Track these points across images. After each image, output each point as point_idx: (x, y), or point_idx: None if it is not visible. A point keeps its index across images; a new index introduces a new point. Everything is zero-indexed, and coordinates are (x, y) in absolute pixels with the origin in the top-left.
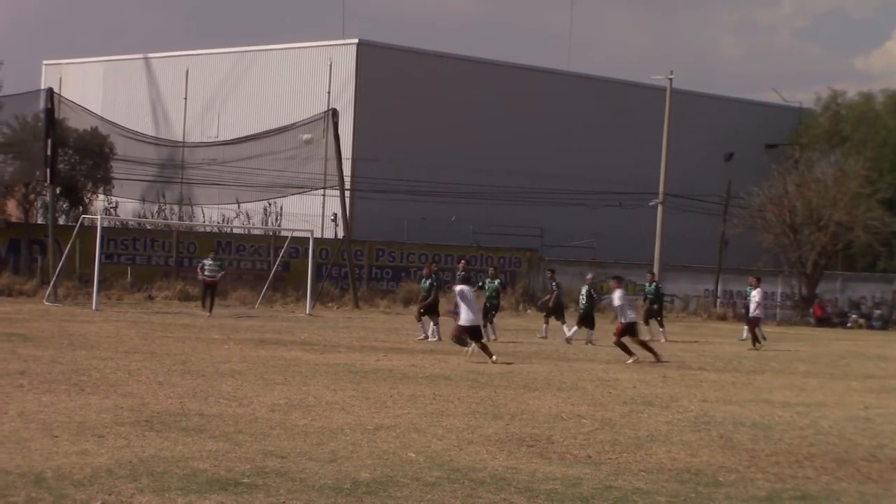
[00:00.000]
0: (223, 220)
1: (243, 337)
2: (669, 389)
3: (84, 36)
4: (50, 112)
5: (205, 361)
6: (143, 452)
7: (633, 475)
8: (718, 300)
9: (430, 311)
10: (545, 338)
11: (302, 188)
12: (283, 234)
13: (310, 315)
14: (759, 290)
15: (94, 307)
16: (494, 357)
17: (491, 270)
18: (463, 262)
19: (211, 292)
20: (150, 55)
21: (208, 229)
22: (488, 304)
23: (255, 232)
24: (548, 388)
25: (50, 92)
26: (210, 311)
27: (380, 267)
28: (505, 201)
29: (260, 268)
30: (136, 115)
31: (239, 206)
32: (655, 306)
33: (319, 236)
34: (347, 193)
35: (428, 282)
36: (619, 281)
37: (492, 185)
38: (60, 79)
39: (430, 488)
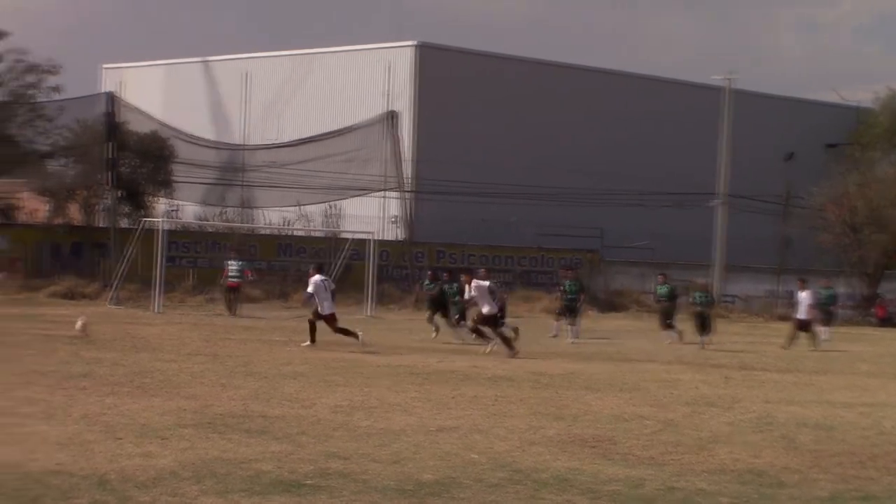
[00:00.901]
0: (284, 222)
1: (305, 339)
2: (731, 390)
3: (144, 40)
4: (111, 116)
5: (267, 363)
6: (207, 454)
7: (696, 476)
8: (780, 301)
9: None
10: (556, 336)
11: (362, 190)
12: (344, 236)
13: (371, 317)
14: (807, 291)
15: (155, 310)
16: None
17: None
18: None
19: (234, 295)
20: (210, 59)
21: (269, 232)
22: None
23: (316, 234)
24: (610, 389)
25: (110, 96)
26: (234, 313)
27: (440, 269)
28: (565, 202)
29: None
30: (196, 119)
31: (300, 209)
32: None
33: (380, 238)
34: (408, 195)
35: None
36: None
37: (551, 186)
38: (121, 83)
39: (493, 489)
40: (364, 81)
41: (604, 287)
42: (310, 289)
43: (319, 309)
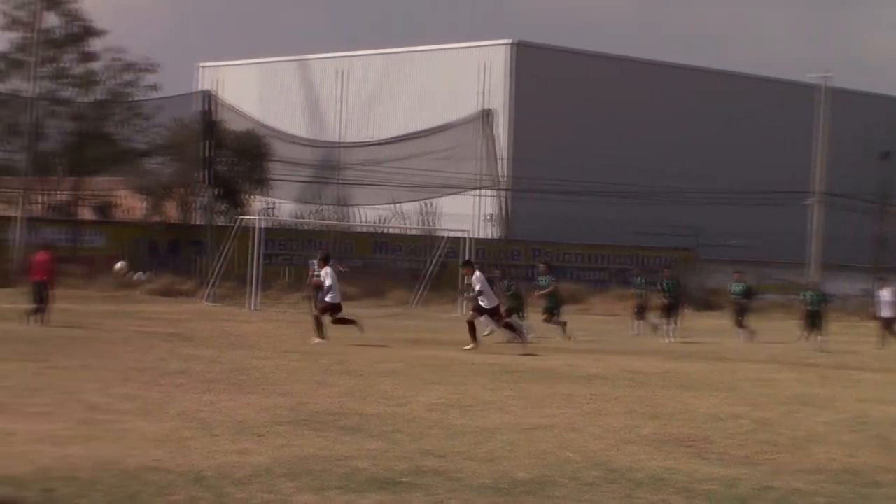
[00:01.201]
0: (380, 220)
1: (400, 337)
2: (827, 389)
3: (240, 39)
4: (208, 114)
5: (362, 361)
6: (302, 451)
7: (792, 476)
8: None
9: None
10: (638, 335)
11: (458, 188)
12: (439, 234)
13: (465, 315)
14: (889, 289)
15: (252, 307)
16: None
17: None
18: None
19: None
20: (307, 57)
21: (365, 230)
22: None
23: (412, 232)
24: (705, 388)
25: (207, 94)
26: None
27: (536, 267)
28: (660, 201)
29: (416, 268)
30: (292, 117)
31: (395, 207)
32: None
33: (475, 236)
34: (503, 193)
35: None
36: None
37: (647, 184)
38: (217, 81)
39: (588, 488)
40: (459, 80)
41: (699, 286)
42: (328, 281)
43: (329, 298)
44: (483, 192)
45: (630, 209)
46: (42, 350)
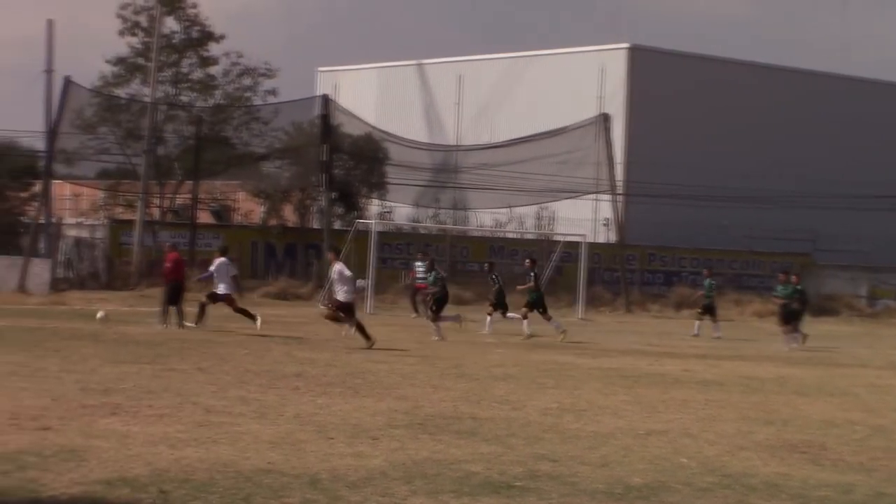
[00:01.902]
0: (496, 224)
1: (515, 341)
2: None
3: (358, 43)
4: (325, 118)
5: (477, 365)
6: (417, 455)
7: None
8: None
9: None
10: (697, 335)
11: (573, 193)
12: (556, 238)
13: (582, 319)
14: None
15: (368, 310)
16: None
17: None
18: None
19: (421, 293)
20: (424, 61)
21: (480, 233)
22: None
23: (528, 236)
24: (820, 394)
25: (325, 98)
26: (417, 311)
27: (651, 271)
28: (776, 205)
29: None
30: (409, 121)
31: (511, 211)
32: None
33: (592, 241)
34: (619, 198)
35: (432, 274)
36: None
37: (763, 189)
38: (335, 85)
39: (702, 493)
40: (577, 84)
41: (816, 291)
42: (211, 268)
43: (215, 289)
44: (599, 196)
45: (745, 214)
46: (159, 353)
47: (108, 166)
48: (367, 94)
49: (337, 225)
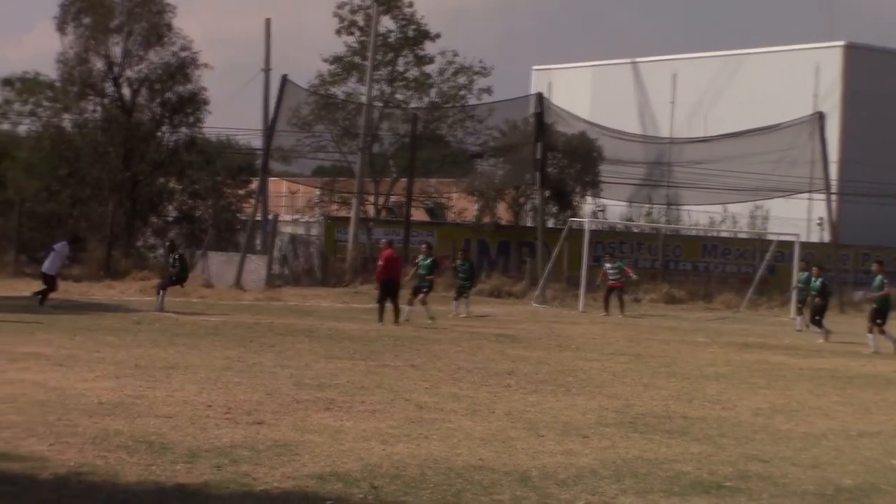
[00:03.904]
0: (710, 222)
1: (728, 340)
2: None
3: (574, 42)
4: (539, 117)
5: (689, 364)
6: (627, 454)
7: None
8: None
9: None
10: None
11: (787, 192)
12: (769, 237)
13: (793, 319)
14: None
15: (580, 309)
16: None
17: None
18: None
19: (616, 293)
20: (638, 59)
21: (693, 232)
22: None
23: (741, 235)
24: None
25: (539, 97)
26: (607, 311)
27: (866, 271)
28: None
29: (745, 271)
30: (623, 120)
31: (725, 209)
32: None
33: (805, 240)
34: (833, 197)
35: (429, 260)
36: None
37: None
38: (549, 84)
39: None
40: (790, 82)
41: None
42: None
43: (45, 267)
44: (813, 195)
45: None
46: (372, 349)
47: (324, 164)
48: (581, 93)
49: (550, 223)
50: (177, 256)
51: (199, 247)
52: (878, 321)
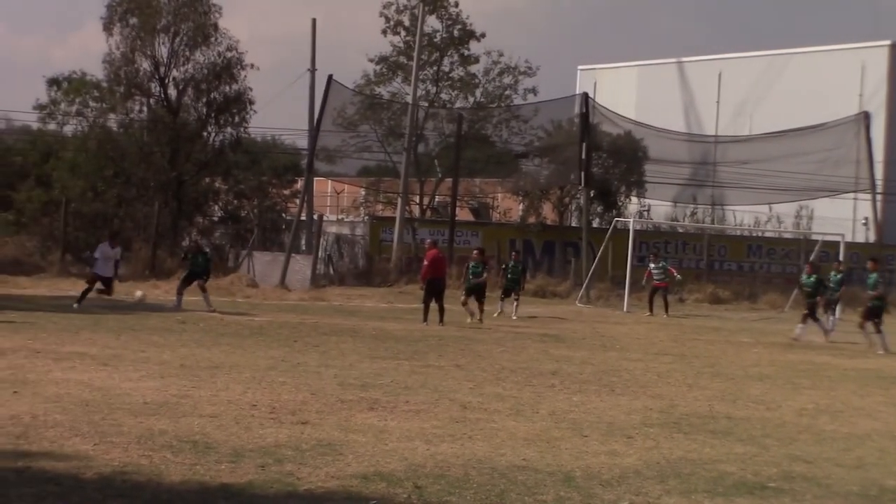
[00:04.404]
0: (755, 222)
1: (772, 340)
2: None
3: (619, 41)
4: (584, 116)
5: (734, 364)
6: (671, 454)
7: None
8: None
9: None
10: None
11: (832, 191)
12: (814, 237)
13: (839, 319)
14: None
15: (624, 309)
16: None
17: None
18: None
19: (660, 293)
20: (683, 59)
21: (738, 232)
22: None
23: (786, 236)
24: None
25: (584, 97)
26: (652, 311)
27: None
28: None
29: (790, 272)
30: (668, 120)
31: (770, 209)
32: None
33: (850, 240)
34: (879, 197)
35: (481, 267)
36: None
37: None
38: (595, 83)
39: None
40: (836, 82)
41: None
42: (96, 253)
43: (95, 269)
44: (858, 195)
45: None
46: (417, 349)
47: (369, 164)
48: (627, 93)
49: (595, 223)
50: (205, 253)
51: (245, 247)
52: (876, 320)
